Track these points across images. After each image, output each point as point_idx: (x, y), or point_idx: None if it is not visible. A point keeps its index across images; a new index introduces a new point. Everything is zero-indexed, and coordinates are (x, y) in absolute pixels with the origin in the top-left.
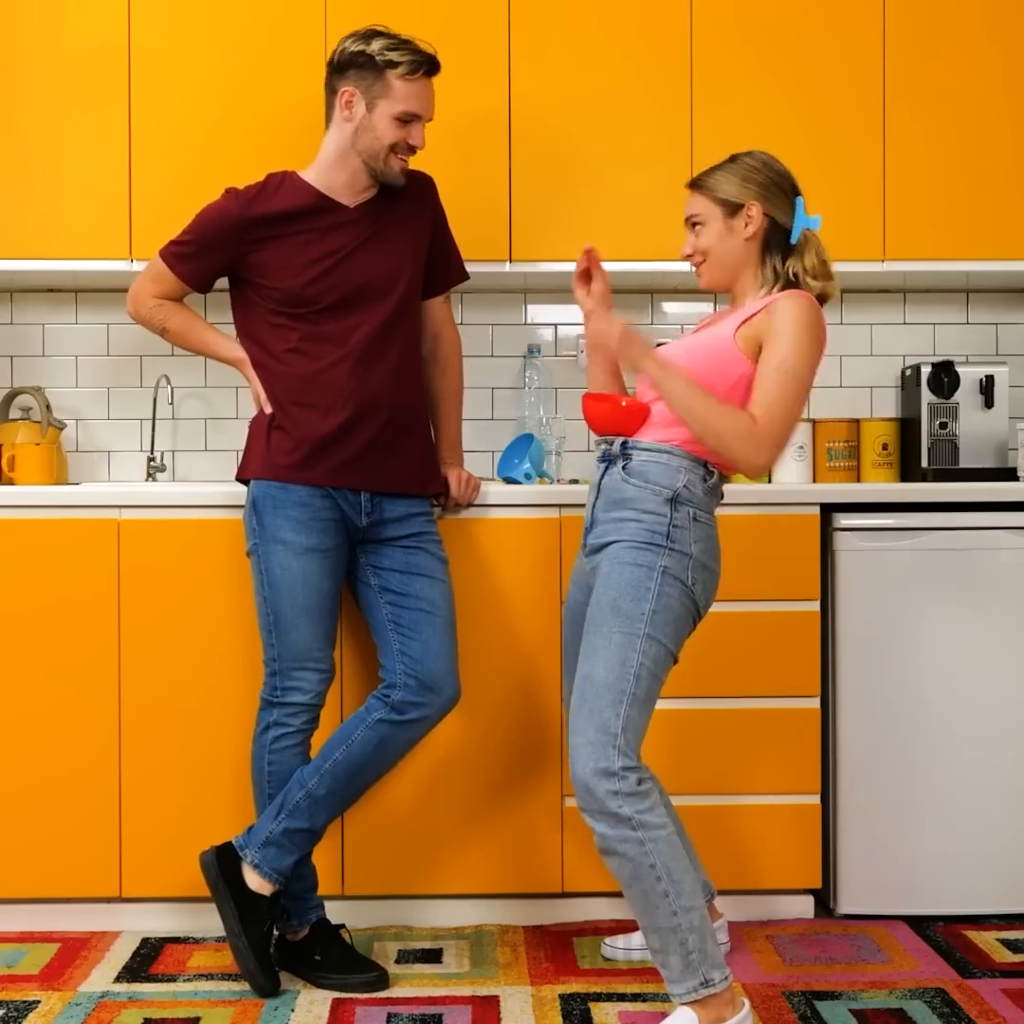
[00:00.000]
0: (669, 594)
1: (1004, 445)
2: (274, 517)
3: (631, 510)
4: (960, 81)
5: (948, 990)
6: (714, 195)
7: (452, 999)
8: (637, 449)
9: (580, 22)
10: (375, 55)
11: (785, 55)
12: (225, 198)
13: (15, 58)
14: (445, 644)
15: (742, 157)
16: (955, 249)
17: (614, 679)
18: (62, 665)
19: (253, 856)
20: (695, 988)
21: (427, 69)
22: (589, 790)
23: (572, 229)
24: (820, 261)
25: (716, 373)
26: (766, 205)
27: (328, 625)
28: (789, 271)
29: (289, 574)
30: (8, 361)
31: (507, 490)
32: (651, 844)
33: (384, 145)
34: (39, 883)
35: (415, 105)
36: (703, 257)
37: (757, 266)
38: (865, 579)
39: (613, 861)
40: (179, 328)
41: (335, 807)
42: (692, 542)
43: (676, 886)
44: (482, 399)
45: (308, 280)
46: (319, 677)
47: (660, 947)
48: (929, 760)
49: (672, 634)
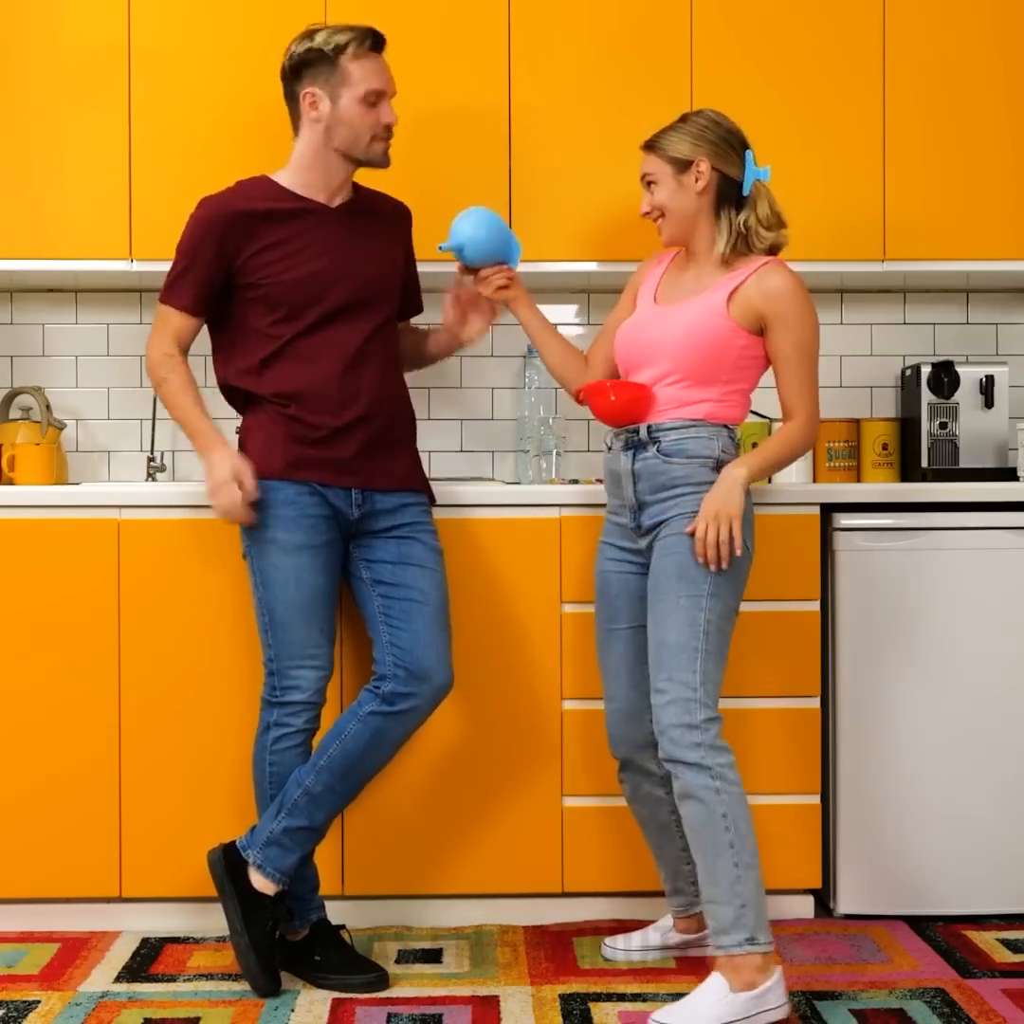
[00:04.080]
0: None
1: (1004, 445)
2: (264, 517)
3: (685, 486)
4: (960, 81)
5: (948, 990)
6: (665, 154)
7: (452, 999)
8: (663, 431)
9: (580, 22)
10: (322, 47)
11: (785, 55)
12: (200, 207)
13: (15, 58)
14: (434, 632)
15: (691, 116)
16: (955, 249)
17: (686, 639)
18: (62, 665)
19: (255, 856)
20: (741, 942)
21: (372, 42)
22: (674, 741)
23: (571, 229)
24: (772, 212)
25: (717, 352)
26: (715, 160)
27: (324, 622)
28: (742, 222)
29: (281, 573)
30: (8, 361)
31: (507, 490)
32: (726, 795)
33: (360, 134)
34: (39, 883)
35: (376, 82)
36: (660, 212)
37: (711, 219)
38: (865, 579)
39: (689, 804)
40: (179, 381)
41: (334, 804)
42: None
43: (741, 840)
44: (482, 399)
45: (296, 278)
46: (317, 674)
47: (715, 896)
48: (929, 760)
49: (733, 590)
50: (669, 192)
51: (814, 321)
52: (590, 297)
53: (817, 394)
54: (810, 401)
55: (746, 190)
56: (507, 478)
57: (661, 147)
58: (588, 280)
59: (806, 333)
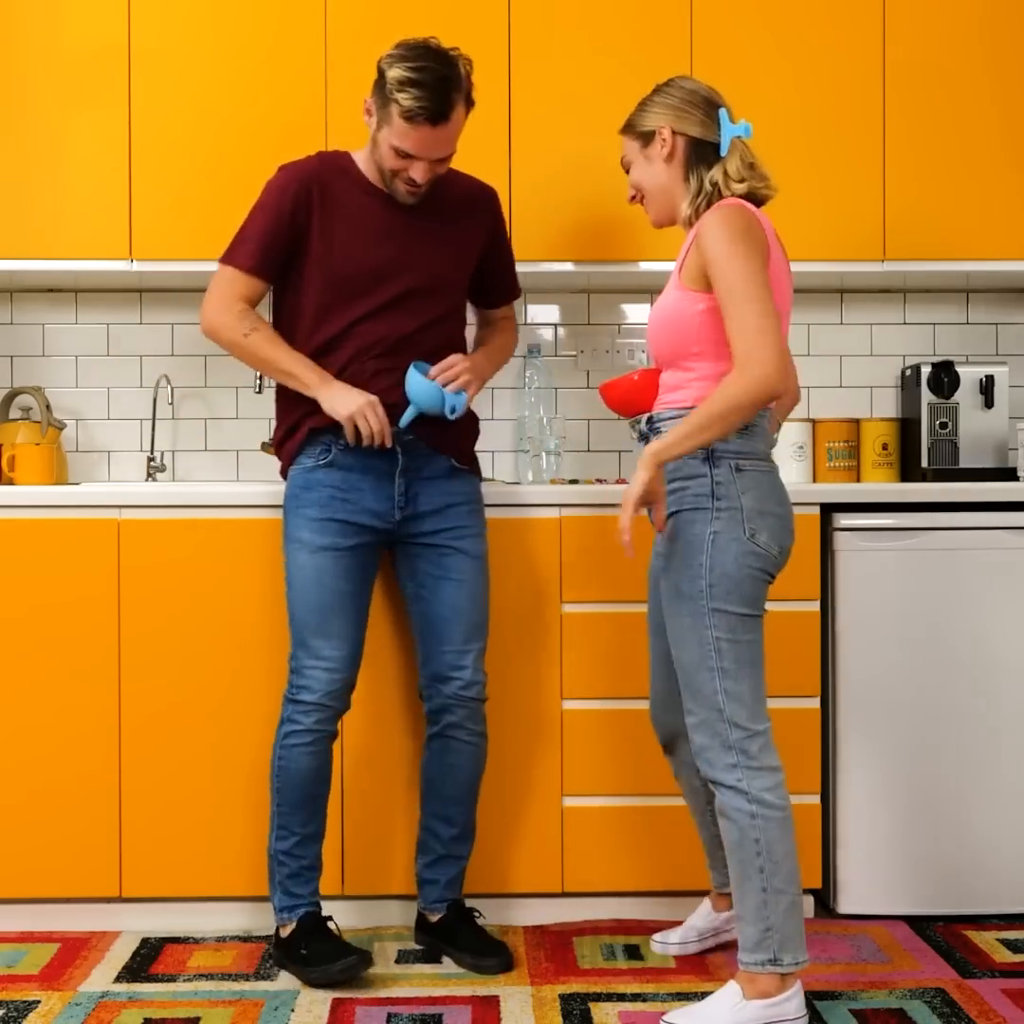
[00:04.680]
0: (723, 561)
1: (1004, 445)
2: (295, 516)
3: (678, 479)
4: (960, 81)
5: (948, 990)
6: (633, 131)
7: (452, 999)
8: (661, 420)
9: (580, 21)
10: (387, 84)
11: (785, 55)
12: (279, 172)
13: (15, 58)
14: (457, 640)
15: (659, 87)
16: (955, 249)
17: (698, 659)
18: (62, 664)
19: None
20: (761, 963)
21: (428, 118)
22: (710, 763)
23: (571, 229)
24: (746, 164)
25: (681, 325)
26: (676, 124)
27: (342, 626)
28: (707, 179)
29: (303, 573)
30: (8, 361)
31: (507, 490)
32: (761, 820)
33: (386, 169)
34: (39, 883)
35: (409, 146)
36: (640, 193)
37: (684, 184)
38: (865, 579)
39: (723, 823)
40: (268, 332)
41: (465, 824)
42: (740, 494)
43: (773, 866)
44: (482, 399)
45: (353, 261)
46: (328, 677)
47: (742, 914)
48: (929, 760)
49: (738, 598)
50: (640, 169)
51: (747, 253)
52: (590, 297)
53: (761, 335)
54: (743, 348)
55: (723, 150)
56: (507, 478)
57: (629, 125)
58: (588, 280)
59: (734, 275)
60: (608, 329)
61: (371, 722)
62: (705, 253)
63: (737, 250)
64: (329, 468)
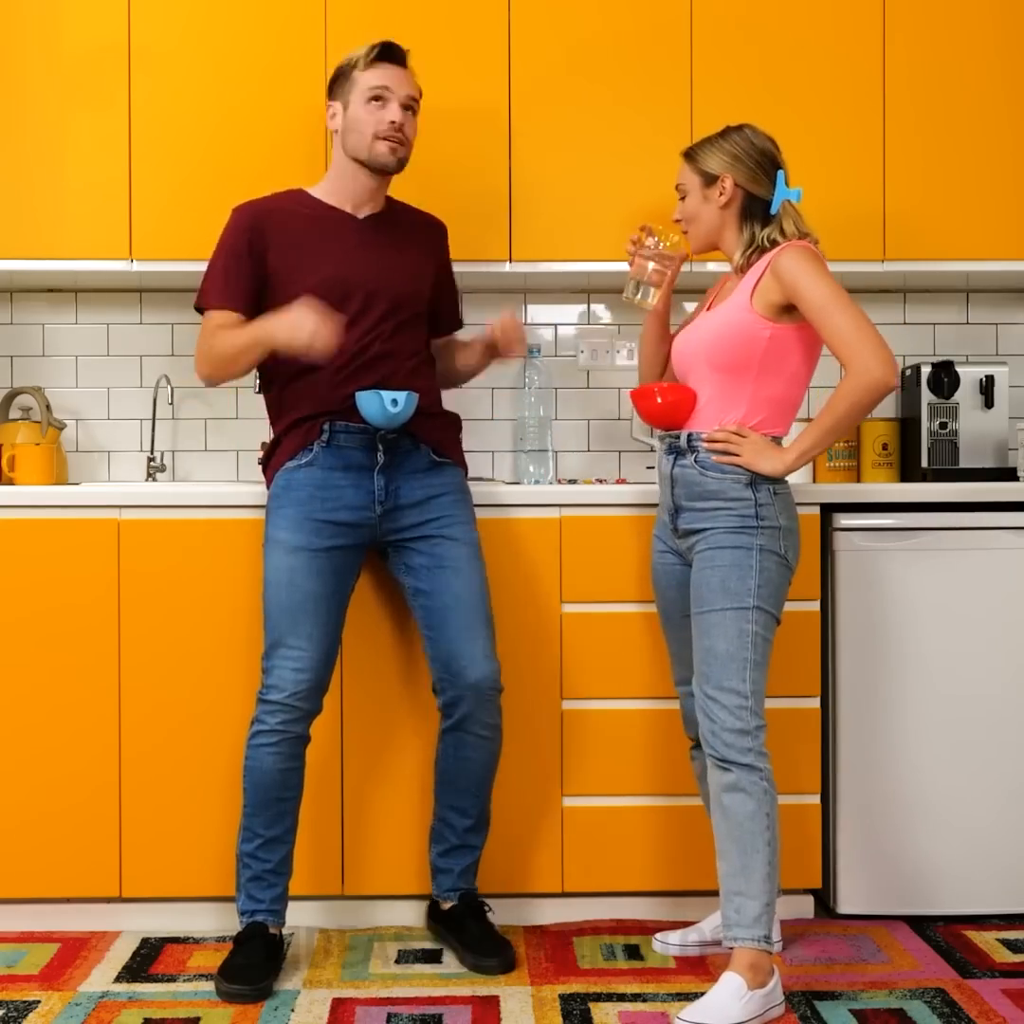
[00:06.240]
0: (768, 568)
1: (1004, 445)
2: (275, 516)
3: (719, 500)
4: (960, 81)
5: (948, 990)
6: (697, 166)
7: (452, 999)
8: (701, 440)
9: (580, 21)
10: (343, 65)
11: (785, 54)
12: (232, 213)
13: (15, 58)
14: (464, 628)
15: (731, 133)
16: (955, 249)
17: (735, 649)
18: (62, 664)
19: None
20: (758, 938)
21: (380, 52)
22: (728, 745)
23: (572, 229)
24: (800, 231)
25: (745, 345)
26: (741, 178)
27: (312, 627)
28: (765, 238)
29: (277, 573)
30: (8, 361)
31: (507, 490)
32: (769, 797)
33: (366, 133)
34: (39, 883)
35: (380, 79)
36: (686, 222)
37: (736, 231)
38: (865, 579)
39: (737, 796)
40: (224, 336)
41: (479, 816)
42: (778, 514)
43: (775, 842)
44: (482, 399)
45: (314, 282)
46: (294, 677)
47: (744, 890)
48: (929, 760)
49: (775, 602)
50: (696, 203)
51: (828, 279)
52: (590, 297)
53: (869, 336)
54: (856, 349)
55: (774, 209)
56: (507, 478)
57: (694, 159)
58: (588, 280)
59: (828, 288)
60: (608, 329)
61: (371, 722)
62: (790, 276)
63: (822, 271)
64: (310, 467)
